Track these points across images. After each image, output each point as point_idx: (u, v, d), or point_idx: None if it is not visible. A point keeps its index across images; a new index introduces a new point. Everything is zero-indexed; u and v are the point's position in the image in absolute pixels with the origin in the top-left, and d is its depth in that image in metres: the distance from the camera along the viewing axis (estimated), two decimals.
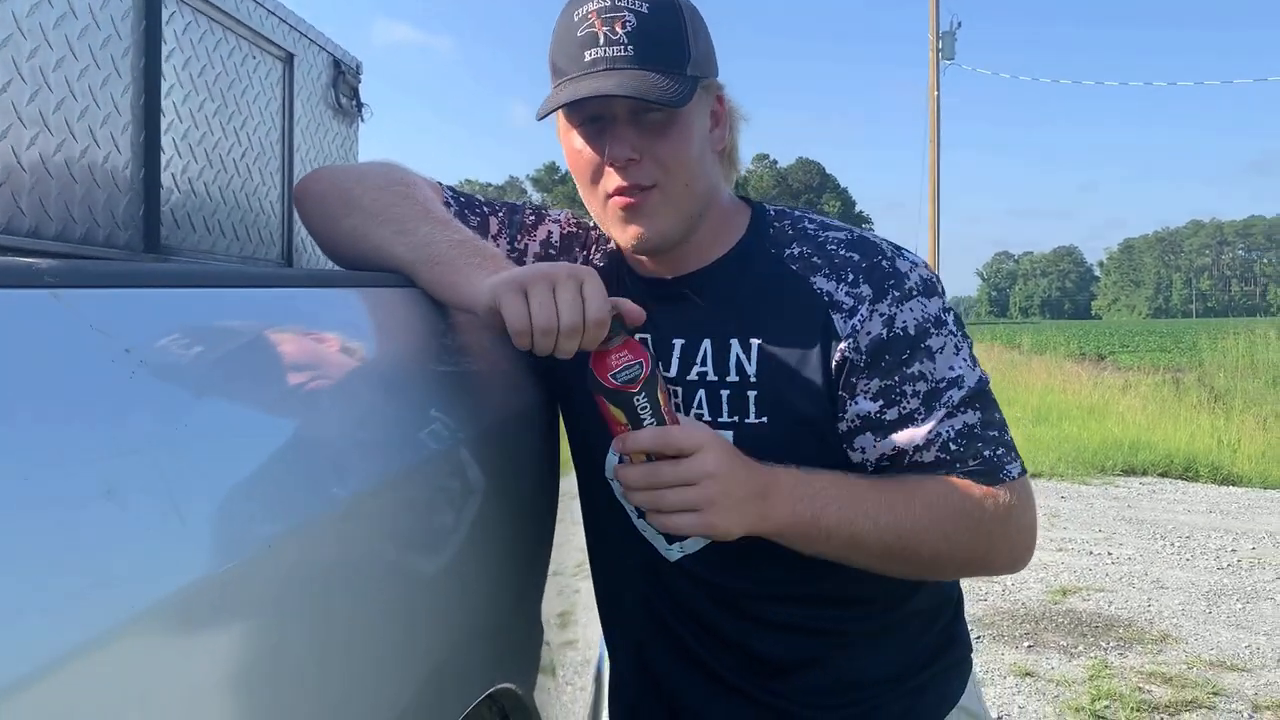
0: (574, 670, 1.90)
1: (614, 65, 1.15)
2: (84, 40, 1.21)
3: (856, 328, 1.21)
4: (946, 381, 1.21)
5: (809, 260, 1.27)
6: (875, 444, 1.22)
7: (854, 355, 1.21)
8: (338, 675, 0.83)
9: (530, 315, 1.04)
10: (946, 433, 1.20)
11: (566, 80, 1.18)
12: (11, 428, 0.55)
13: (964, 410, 1.21)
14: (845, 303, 1.22)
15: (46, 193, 1.15)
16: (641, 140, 1.19)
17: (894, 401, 1.21)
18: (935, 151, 20.47)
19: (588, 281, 1.07)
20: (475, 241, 1.21)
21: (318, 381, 0.90)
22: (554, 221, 1.43)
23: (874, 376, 1.21)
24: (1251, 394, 13.48)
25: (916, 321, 1.21)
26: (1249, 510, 7.61)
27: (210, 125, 1.51)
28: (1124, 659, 4.44)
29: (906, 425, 1.21)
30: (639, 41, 1.16)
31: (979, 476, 1.21)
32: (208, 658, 0.65)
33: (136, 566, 0.59)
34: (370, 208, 1.24)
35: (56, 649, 0.52)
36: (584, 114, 1.21)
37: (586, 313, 1.05)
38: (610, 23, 1.16)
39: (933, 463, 1.21)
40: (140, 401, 0.66)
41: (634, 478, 1.12)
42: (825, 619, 1.32)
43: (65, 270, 0.66)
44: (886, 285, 1.22)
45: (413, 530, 1.00)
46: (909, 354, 1.20)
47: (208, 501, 0.68)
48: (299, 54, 1.79)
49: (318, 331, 0.95)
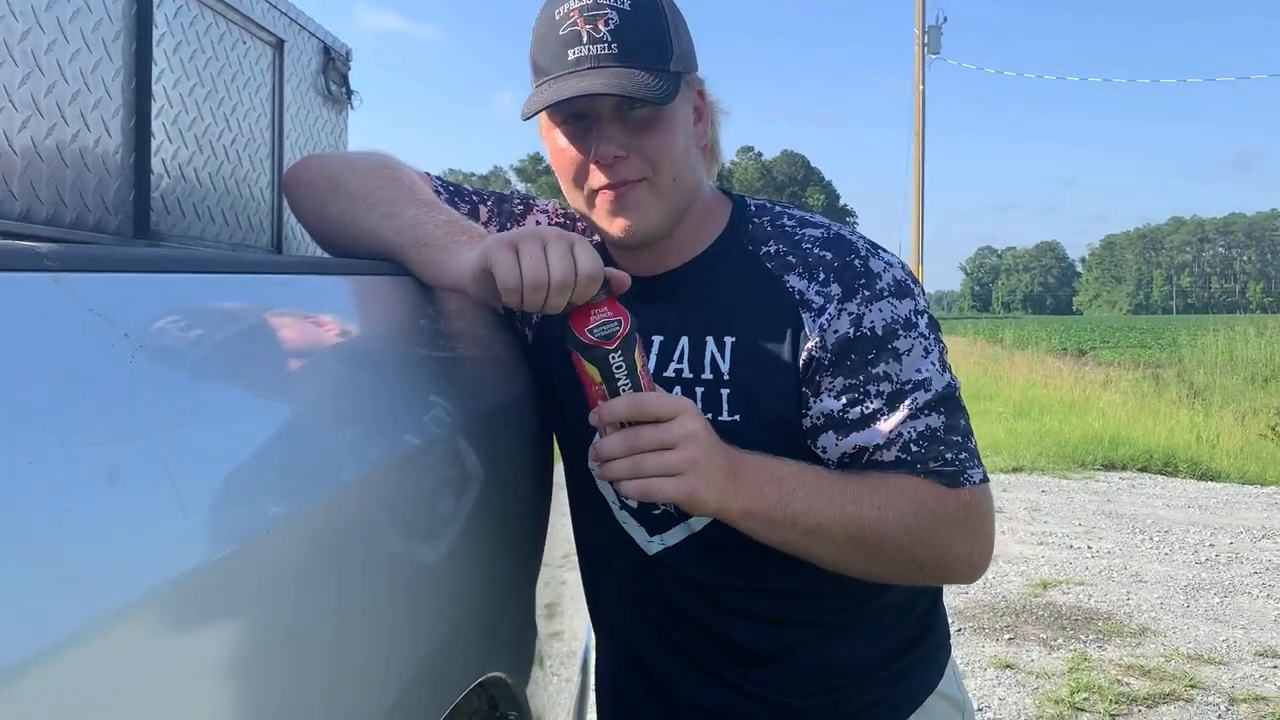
0: (560, 661, 1.90)
1: (598, 64, 1.15)
2: (75, 24, 1.20)
3: (824, 326, 1.21)
4: (912, 384, 1.21)
5: (784, 259, 1.27)
6: (837, 442, 1.23)
7: (820, 353, 1.21)
8: (333, 662, 0.83)
9: (520, 270, 1.04)
10: (908, 433, 1.20)
11: (550, 79, 1.17)
12: (14, 412, 0.55)
13: (928, 413, 1.21)
14: (815, 301, 1.23)
15: (38, 177, 1.14)
16: (627, 137, 1.19)
17: (857, 400, 1.21)
18: (920, 145, 20.52)
19: (578, 242, 1.08)
20: (461, 221, 1.21)
21: (312, 369, 0.90)
22: (541, 211, 1.44)
23: (838, 375, 1.21)
24: (1230, 390, 13.60)
25: (885, 322, 1.21)
26: (1227, 505, 7.68)
27: (200, 111, 1.50)
28: (1103, 652, 4.48)
29: (868, 424, 1.21)
30: (622, 39, 1.15)
31: (940, 478, 1.21)
32: (203, 643, 0.65)
33: (137, 552, 0.59)
34: (358, 193, 1.24)
35: (58, 634, 0.52)
36: (567, 112, 1.20)
37: (578, 268, 1.05)
38: (593, 20, 1.15)
39: (893, 462, 1.21)
40: (140, 386, 0.65)
41: (612, 446, 1.10)
42: (802, 610, 1.34)
43: (66, 254, 0.66)
44: (857, 285, 1.22)
45: (407, 518, 1.00)
46: (875, 354, 1.20)
47: (206, 489, 0.68)
48: (289, 40, 1.78)
49: (313, 318, 0.95)
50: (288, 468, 0.80)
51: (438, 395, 1.14)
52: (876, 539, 1.17)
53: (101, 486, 0.57)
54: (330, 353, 0.95)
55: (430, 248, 1.16)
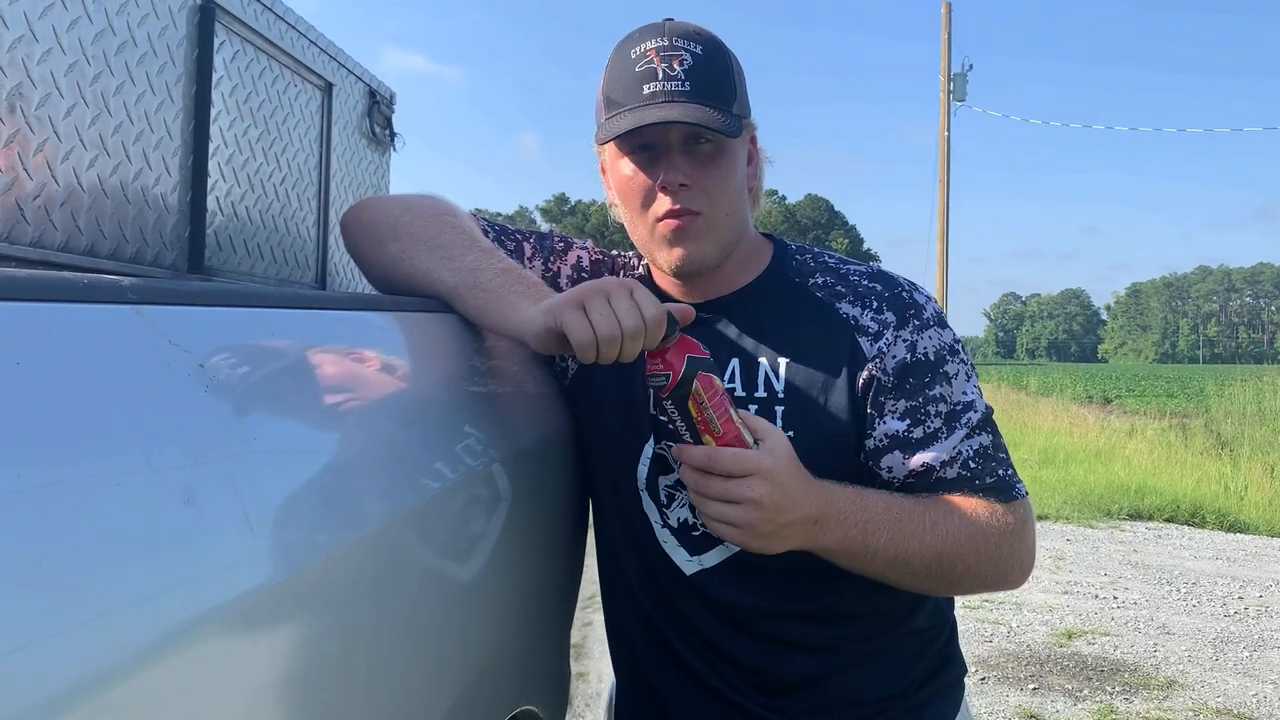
0: (586, 702, 1.91)
1: (671, 98, 1.24)
2: (142, 67, 1.25)
3: (883, 350, 1.29)
4: (962, 405, 1.30)
5: (833, 289, 1.36)
6: (904, 462, 1.29)
7: (881, 376, 1.29)
8: (377, 687, 0.85)
9: (593, 327, 1.09)
10: (966, 451, 1.29)
11: (625, 110, 1.26)
12: (105, 435, 0.58)
13: (979, 432, 1.30)
14: (870, 327, 1.31)
15: (102, 212, 1.18)
16: (691, 168, 1.27)
17: (920, 421, 1.29)
18: (945, 192, 20.58)
19: (637, 289, 1.13)
20: (519, 270, 1.26)
21: (374, 402, 0.93)
22: (581, 249, 1.50)
23: (900, 398, 1.29)
24: (1258, 441, 13.44)
25: (935, 348, 1.31)
26: (1256, 558, 7.58)
27: (253, 151, 1.55)
28: (1130, 704, 4.42)
29: (931, 444, 1.29)
30: (695, 78, 1.25)
31: (995, 493, 1.29)
32: (256, 662, 0.67)
33: (209, 569, 0.62)
34: (419, 234, 1.29)
35: (143, 641, 0.55)
36: (636, 142, 1.28)
37: (644, 315, 1.11)
38: (669, 60, 1.25)
39: (955, 479, 1.29)
40: (214, 414, 0.69)
41: (687, 481, 1.19)
42: (831, 637, 1.36)
43: (146, 288, 0.70)
44: (908, 314, 1.31)
45: (450, 550, 1.03)
46: (930, 377, 1.29)
47: (271, 514, 0.71)
48: (338, 83, 1.84)
49: (368, 353, 0.98)
50: (341, 499, 0.83)
51: (480, 430, 1.17)
52: (950, 561, 1.25)
53: (181, 507, 0.61)
54: (384, 387, 0.98)
55: (488, 294, 1.21)
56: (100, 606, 0.53)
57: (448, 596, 1.01)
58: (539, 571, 1.30)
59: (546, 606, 1.41)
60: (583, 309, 1.10)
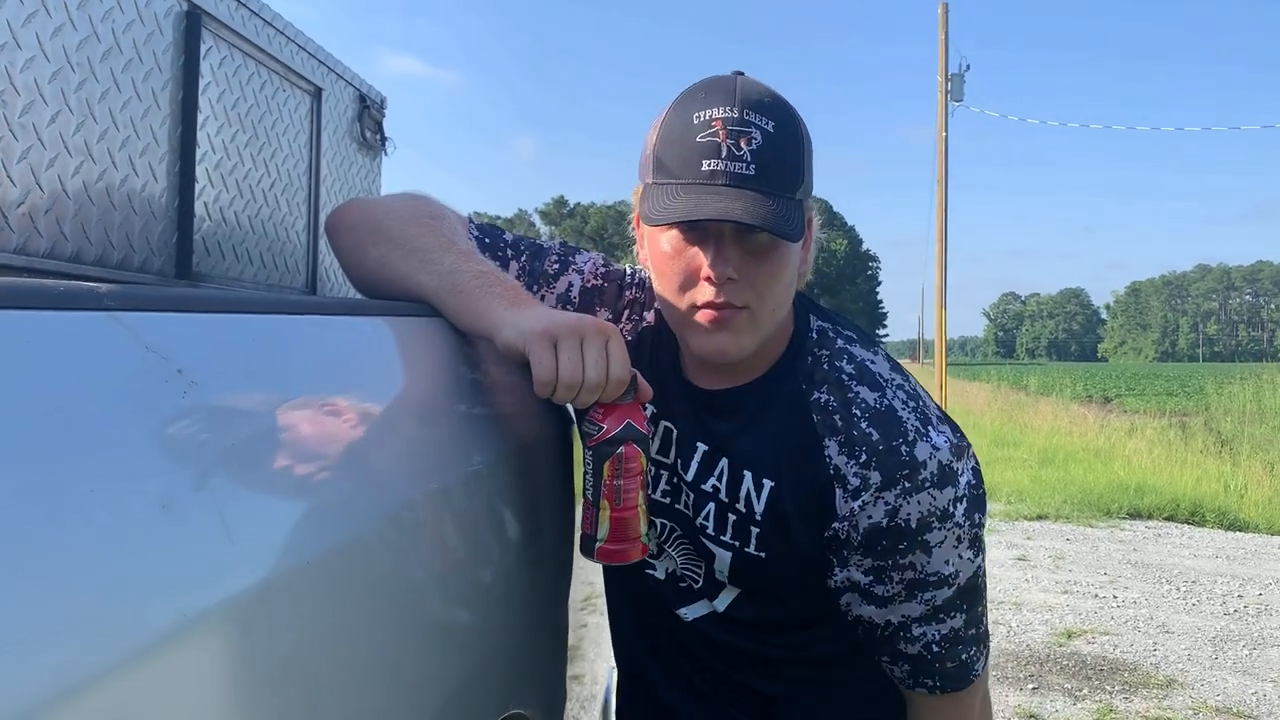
0: (580, 704, 1.91)
1: (733, 182, 1.10)
2: (128, 73, 1.25)
3: (855, 510, 1.20)
4: (937, 578, 1.22)
5: (830, 419, 1.23)
6: (861, 605, 1.27)
7: (849, 534, 1.22)
8: (364, 693, 0.85)
9: (557, 369, 1.07)
10: (933, 634, 1.25)
11: (680, 185, 1.13)
12: (80, 442, 0.58)
13: (951, 614, 1.24)
14: (851, 481, 1.20)
15: (89, 219, 1.18)
16: (742, 261, 1.15)
17: (881, 580, 1.23)
18: (943, 192, 20.57)
19: (613, 340, 1.10)
20: (495, 272, 1.24)
21: (355, 407, 0.93)
22: (577, 272, 1.40)
23: (867, 556, 1.22)
24: (1258, 439, 13.43)
25: (920, 515, 1.19)
26: (1255, 556, 7.58)
27: (241, 156, 1.55)
28: (1129, 703, 4.41)
29: (887, 604, 1.25)
30: (762, 163, 1.11)
31: (953, 683, 1.28)
32: (240, 670, 0.67)
33: (188, 577, 0.62)
34: (398, 238, 1.27)
35: (117, 653, 0.54)
36: (698, 226, 1.15)
37: (610, 370, 1.08)
38: (736, 137, 1.11)
39: (914, 656, 1.27)
40: (193, 421, 0.69)
41: None
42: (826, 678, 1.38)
43: (123, 294, 0.70)
44: (899, 475, 1.18)
45: (438, 553, 1.03)
46: (906, 545, 1.20)
47: (250, 520, 0.71)
48: (327, 88, 1.84)
49: (355, 357, 0.98)
50: (325, 503, 0.83)
51: (471, 433, 1.17)
52: None
53: (158, 514, 0.60)
54: (367, 392, 0.98)
55: (464, 295, 1.19)
56: (77, 614, 0.53)
57: (436, 600, 1.01)
58: (530, 575, 1.30)
59: (538, 609, 1.41)
60: (553, 346, 1.08)
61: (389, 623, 0.91)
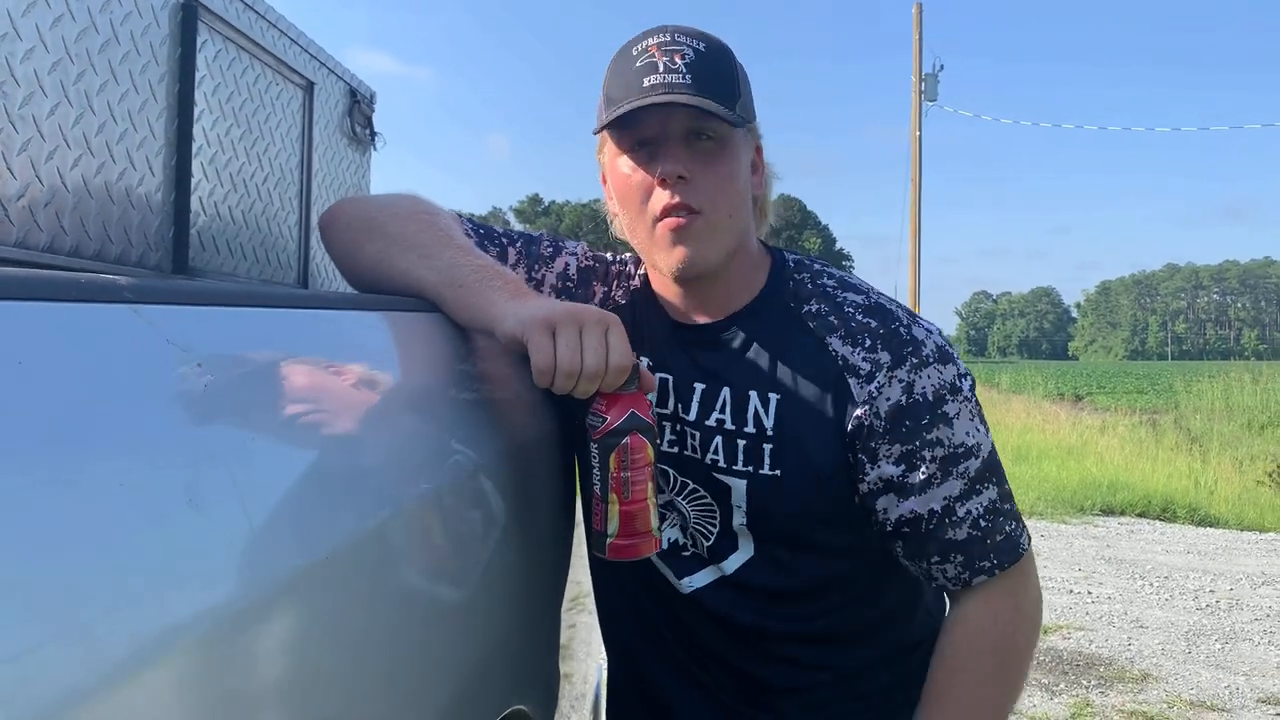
0: (571, 702, 1.91)
1: (671, 90, 1.19)
2: (125, 65, 1.24)
3: (874, 394, 1.24)
4: (964, 449, 1.25)
5: (826, 319, 1.29)
6: (897, 505, 1.26)
7: (873, 421, 1.24)
8: (372, 690, 0.85)
9: (555, 357, 1.07)
10: (976, 510, 1.25)
11: (625, 103, 1.21)
12: (106, 435, 0.58)
13: (985, 485, 1.26)
14: (862, 368, 1.25)
15: (87, 213, 1.17)
16: (692, 163, 1.22)
17: (915, 466, 1.24)
18: (917, 191, 20.69)
19: (613, 328, 1.11)
20: (495, 266, 1.24)
21: (367, 402, 0.92)
22: (570, 254, 1.44)
23: (895, 442, 1.24)
24: (1227, 437, 13.63)
25: (934, 388, 1.24)
26: (1226, 551, 7.68)
27: (236, 150, 1.54)
28: (1105, 698, 4.46)
29: (925, 489, 1.24)
30: (696, 73, 1.20)
31: (1005, 556, 1.28)
32: (250, 663, 0.67)
33: (212, 572, 0.62)
34: (396, 234, 1.27)
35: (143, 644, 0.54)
36: (635, 139, 1.25)
37: (610, 358, 1.09)
38: (670, 54, 1.21)
39: (964, 540, 1.25)
40: (214, 415, 0.68)
41: None
42: (820, 655, 1.36)
43: (143, 287, 0.69)
44: (905, 352, 1.25)
45: (444, 551, 1.02)
46: (928, 419, 1.24)
47: (269, 513, 0.71)
48: (319, 83, 1.83)
49: (366, 353, 0.98)
50: (331, 501, 0.82)
51: (469, 430, 1.17)
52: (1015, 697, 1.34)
53: (184, 508, 0.60)
54: (376, 387, 0.98)
55: (464, 290, 1.19)
56: (104, 607, 0.53)
57: (440, 596, 1.01)
58: (529, 571, 1.30)
59: (537, 606, 1.41)
60: (551, 334, 1.08)
61: (395, 619, 0.90)
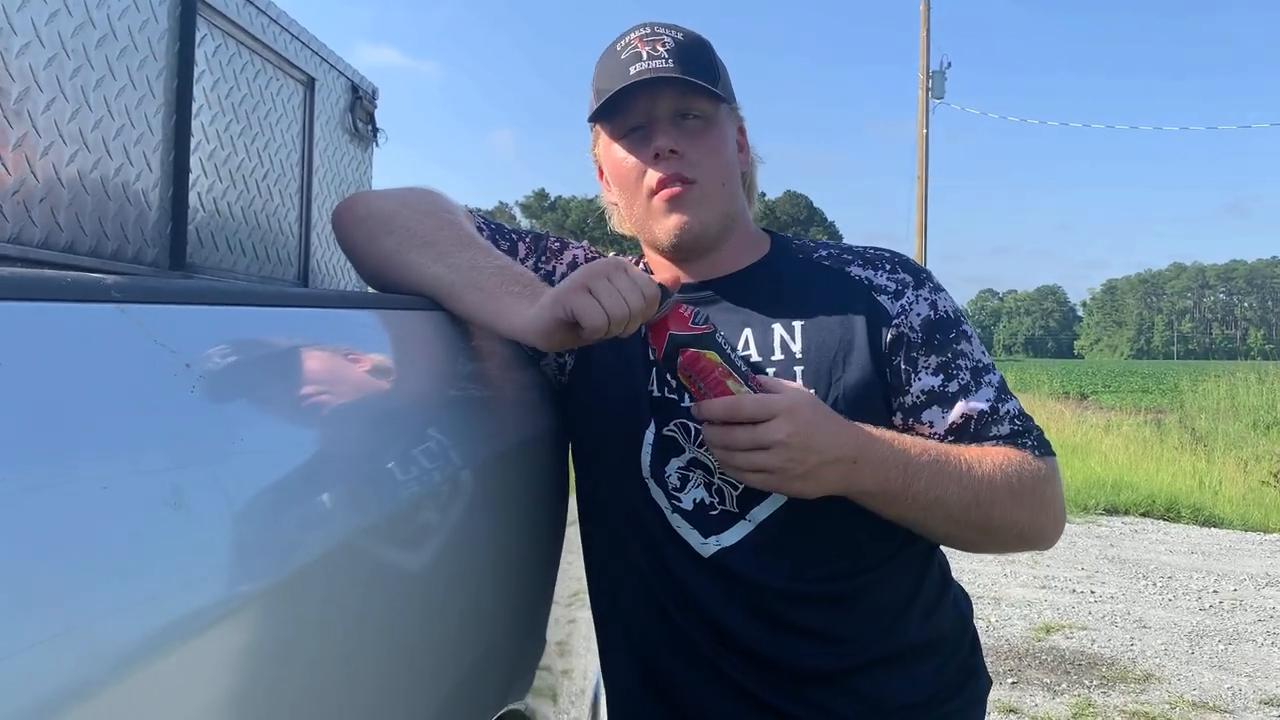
0: (570, 699, 1.90)
1: (658, 74, 1.28)
2: (123, 61, 1.23)
3: (906, 308, 1.32)
4: (983, 365, 1.34)
5: (839, 257, 1.40)
6: (944, 415, 1.31)
7: (910, 333, 1.32)
8: (367, 689, 0.84)
9: (604, 308, 1.11)
10: (1012, 409, 1.32)
11: (612, 93, 1.29)
12: (91, 438, 0.57)
13: (1009, 396, 1.34)
14: (888, 286, 1.34)
15: (83, 208, 1.17)
16: (682, 140, 1.31)
17: (952, 375, 1.32)
18: (923, 188, 20.66)
19: (629, 267, 1.15)
20: (515, 268, 1.25)
21: (360, 402, 0.92)
22: (578, 248, 1.49)
23: (931, 353, 1.32)
24: (1232, 437, 13.58)
25: (951, 309, 1.35)
26: (1230, 552, 7.66)
27: (235, 146, 1.53)
28: (1107, 698, 4.45)
29: (964, 396, 1.31)
30: (678, 57, 1.30)
31: (1036, 449, 1.31)
32: (243, 664, 0.67)
33: (199, 574, 0.61)
34: (413, 230, 1.26)
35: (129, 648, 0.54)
36: (627, 125, 1.34)
37: (643, 289, 1.13)
38: (651, 43, 1.31)
39: (1008, 434, 1.31)
40: (201, 416, 0.68)
41: (711, 439, 1.18)
42: (850, 627, 1.32)
43: (130, 286, 0.68)
44: (921, 276, 1.36)
45: (441, 550, 1.02)
46: (954, 334, 1.33)
47: (257, 516, 0.70)
48: (320, 78, 1.82)
49: (360, 352, 0.97)
50: (325, 500, 0.82)
51: (465, 429, 1.16)
52: (988, 505, 1.25)
53: (169, 510, 0.60)
54: (370, 386, 0.97)
55: (484, 292, 1.20)
56: (89, 611, 0.52)
57: (432, 596, 1.00)
58: (525, 570, 1.30)
59: (532, 604, 1.40)
60: (589, 292, 1.11)
61: (391, 618, 0.90)
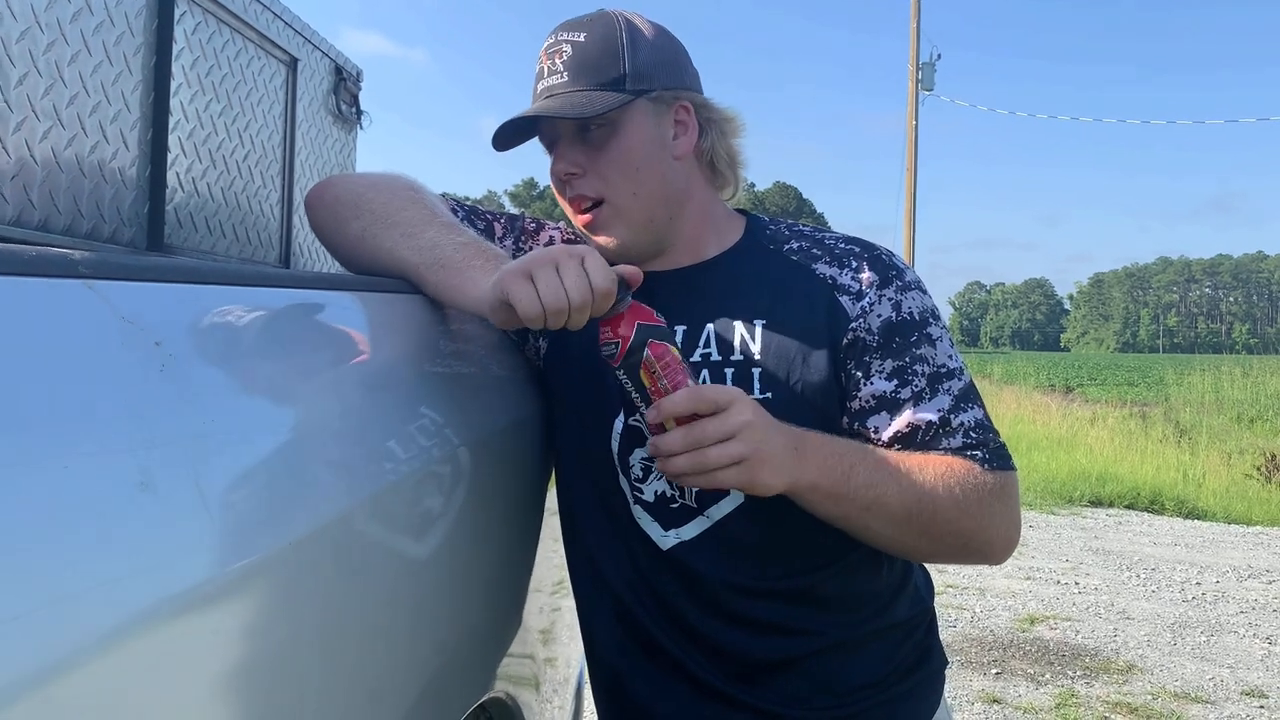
0: (554, 687, 1.89)
1: (552, 92, 1.28)
2: (98, 36, 1.21)
3: (866, 309, 1.28)
4: (946, 370, 1.29)
5: (809, 251, 1.35)
6: (889, 422, 1.28)
7: (866, 335, 1.28)
8: (341, 677, 0.83)
9: (540, 298, 1.07)
10: (968, 421, 1.28)
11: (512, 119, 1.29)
12: (53, 416, 0.55)
13: (971, 405, 1.29)
14: (851, 286, 1.30)
15: (57, 187, 1.14)
16: (585, 156, 1.29)
17: (906, 381, 1.27)
18: (912, 180, 20.67)
19: (588, 256, 1.10)
20: (479, 243, 1.22)
21: (336, 385, 0.90)
22: (554, 229, 1.47)
23: (887, 357, 1.28)
24: (1216, 430, 13.67)
25: (919, 310, 1.30)
26: (1213, 544, 7.70)
27: (215, 126, 1.51)
28: (1090, 688, 4.47)
29: (917, 404, 1.27)
30: (573, 69, 1.28)
31: (990, 462, 1.28)
32: (214, 652, 0.65)
33: (165, 557, 0.59)
34: (379, 212, 1.26)
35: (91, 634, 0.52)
36: (545, 142, 1.33)
37: (592, 284, 1.08)
38: (552, 57, 1.29)
39: (959, 446, 1.27)
40: (171, 395, 0.66)
41: (674, 441, 1.13)
42: (807, 620, 1.33)
43: (99, 262, 0.67)
44: (890, 275, 1.31)
45: (416, 535, 1.00)
46: (916, 337, 1.28)
47: (227, 498, 0.68)
48: (303, 59, 1.79)
49: (331, 333, 0.96)
50: (301, 484, 0.80)
51: (444, 414, 1.14)
52: (930, 512, 1.23)
53: (135, 492, 0.58)
54: (346, 368, 0.96)
55: (447, 270, 1.17)
56: (50, 594, 0.50)
57: (413, 582, 0.99)
58: (504, 557, 1.28)
59: (512, 592, 1.39)
60: (530, 279, 1.08)
61: (367, 605, 0.88)
